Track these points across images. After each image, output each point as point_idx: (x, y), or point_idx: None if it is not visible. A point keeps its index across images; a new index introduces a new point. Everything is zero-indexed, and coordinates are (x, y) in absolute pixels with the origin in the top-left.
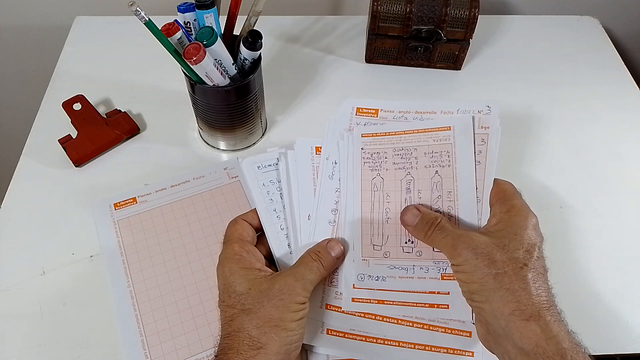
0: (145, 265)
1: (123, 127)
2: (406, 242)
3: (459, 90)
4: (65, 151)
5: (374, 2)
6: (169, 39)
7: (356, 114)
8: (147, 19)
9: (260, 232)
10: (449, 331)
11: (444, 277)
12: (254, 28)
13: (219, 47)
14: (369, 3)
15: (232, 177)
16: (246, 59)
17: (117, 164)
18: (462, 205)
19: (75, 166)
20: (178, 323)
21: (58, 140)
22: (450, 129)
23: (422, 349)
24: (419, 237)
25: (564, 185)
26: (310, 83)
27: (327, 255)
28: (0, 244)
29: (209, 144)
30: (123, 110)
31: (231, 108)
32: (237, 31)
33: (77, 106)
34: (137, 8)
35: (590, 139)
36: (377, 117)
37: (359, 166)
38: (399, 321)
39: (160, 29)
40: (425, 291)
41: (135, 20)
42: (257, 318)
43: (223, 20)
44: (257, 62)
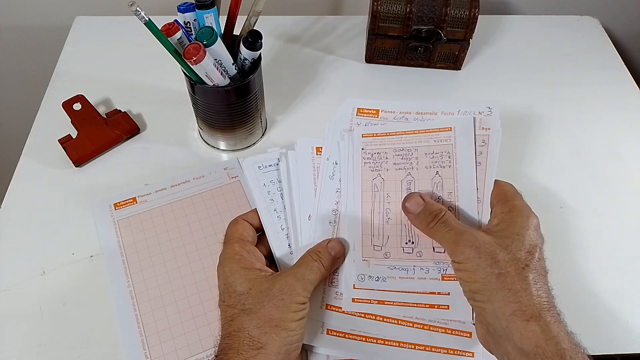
0: (145, 265)
1: (123, 127)
2: (406, 243)
3: (459, 90)
4: (65, 151)
5: (374, 2)
6: (169, 39)
7: (357, 115)
8: (147, 19)
9: (260, 232)
10: (449, 332)
11: (445, 278)
12: (254, 28)
13: (219, 47)
14: (369, 3)
15: (232, 177)
16: (246, 59)
17: (117, 164)
18: (463, 205)
19: (75, 166)
20: (178, 323)
21: (58, 140)
22: (451, 130)
23: (422, 350)
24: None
25: (564, 185)
26: (310, 83)
27: (328, 256)
28: (0, 244)
29: (209, 144)
30: (123, 110)
31: (231, 108)
32: (237, 31)
33: (77, 106)
34: (137, 8)
35: (590, 139)
36: (377, 117)
37: (360, 166)
38: (399, 322)
39: (160, 29)
40: (425, 292)
41: (135, 20)
42: (257, 318)
43: (223, 20)
44: (257, 62)
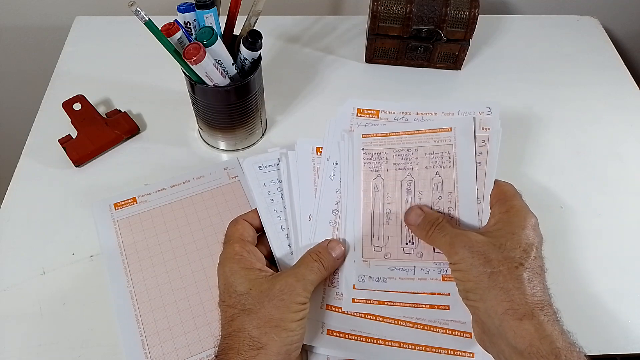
0: (145, 265)
1: (123, 127)
2: (407, 243)
3: (459, 90)
4: (65, 151)
5: (374, 2)
6: (169, 39)
7: (357, 115)
8: (147, 19)
9: (260, 232)
10: (449, 332)
11: (445, 279)
12: (254, 28)
13: (219, 47)
14: (369, 3)
15: (232, 177)
16: (246, 59)
17: (117, 164)
18: (463, 206)
19: (75, 166)
20: (178, 323)
21: (58, 140)
22: (451, 130)
23: (422, 350)
24: (421, 236)
25: (564, 185)
26: (310, 83)
27: (328, 256)
28: (0, 244)
29: (209, 144)
30: (123, 110)
31: (231, 108)
32: (237, 31)
33: (77, 106)
34: (137, 8)
35: (590, 139)
36: (377, 117)
37: (360, 167)
38: (399, 322)
39: (160, 29)
40: (426, 292)
41: (135, 20)
42: (257, 318)
43: (223, 20)
44: (257, 62)
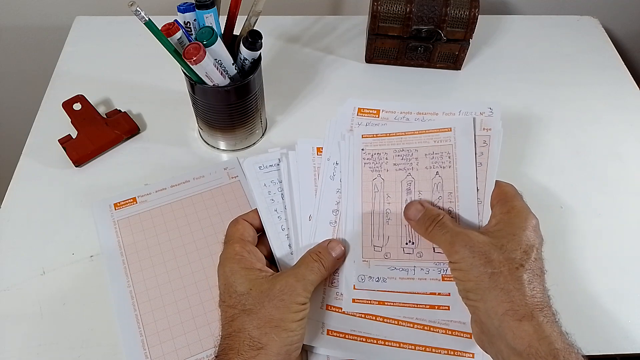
0: (145, 265)
1: (123, 127)
2: (407, 243)
3: (459, 90)
4: (65, 151)
5: (374, 2)
6: (169, 39)
7: (357, 115)
8: (147, 19)
9: (261, 233)
10: (450, 332)
11: (445, 279)
12: (254, 28)
13: (219, 47)
14: (369, 3)
15: (232, 177)
16: (246, 59)
17: (117, 164)
18: (463, 206)
19: (75, 166)
20: (178, 323)
21: (58, 140)
22: (450, 130)
23: (422, 350)
24: (420, 232)
25: (564, 185)
26: (310, 83)
27: (328, 256)
28: (0, 244)
29: (209, 144)
30: (123, 110)
31: (231, 108)
32: (237, 31)
33: (77, 106)
34: (137, 8)
35: (590, 139)
36: (378, 117)
37: (360, 167)
38: (399, 322)
39: (160, 29)
40: (426, 292)
41: (135, 20)
42: (257, 318)
43: (223, 20)
44: (257, 62)
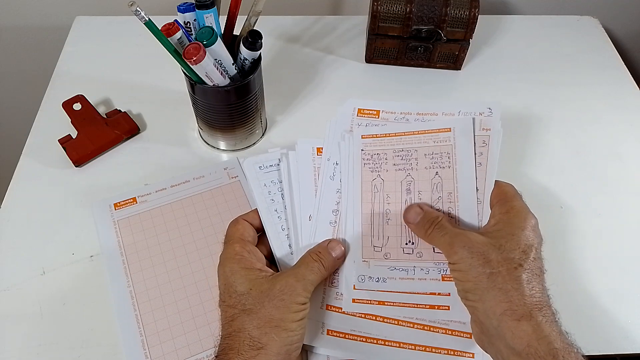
0: (145, 265)
1: (123, 127)
2: (406, 244)
3: (459, 90)
4: (65, 151)
5: (374, 2)
6: (169, 39)
7: (357, 115)
8: (147, 19)
9: (261, 232)
10: (450, 332)
11: (445, 279)
12: (254, 28)
13: (219, 47)
14: (369, 3)
15: (232, 177)
16: (246, 59)
17: (117, 164)
18: (463, 206)
19: (75, 166)
20: (178, 323)
21: (58, 140)
22: (450, 131)
23: (422, 350)
24: (420, 234)
25: (564, 185)
26: (310, 83)
27: (328, 256)
28: (0, 244)
29: (209, 144)
30: (123, 110)
31: (231, 108)
32: (237, 31)
33: (77, 106)
34: (137, 8)
35: (590, 139)
36: (378, 118)
37: (359, 167)
38: (399, 322)
39: (160, 29)
40: (426, 292)
41: (135, 20)
42: (257, 318)
43: (223, 20)
44: (257, 62)
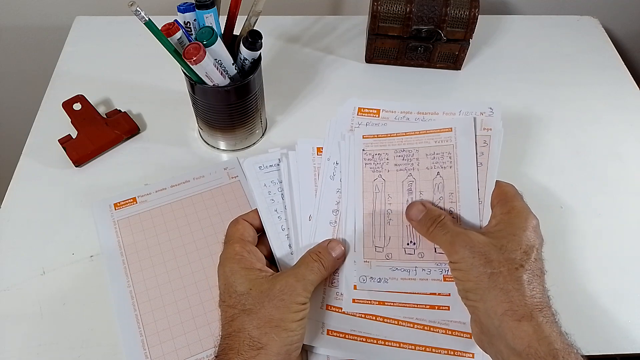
0: (145, 265)
1: (123, 127)
2: (408, 244)
3: (459, 90)
4: (65, 151)
5: (374, 2)
6: (169, 39)
7: (358, 114)
8: (147, 19)
9: (261, 233)
10: (450, 332)
11: (446, 279)
12: (254, 28)
13: (219, 47)
14: (369, 3)
15: (232, 177)
16: (246, 59)
17: (117, 164)
18: (464, 206)
19: (75, 166)
20: (178, 323)
21: (58, 140)
22: (451, 130)
23: (422, 350)
24: (422, 232)
25: (564, 185)
26: (310, 83)
27: (328, 256)
28: (0, 244)
29: (209, 144)
30: (123, 110)
31: (231, 108)
32: (237, 31)
33: (77, 106)
34: (137, 8)
35: (590, 139)
36: (378, 117)
37: (360, 167)
38: (399, 322)
39: (160, 29)
40: (426, 292)
41: (135, 20)
42: (257, 318)
43: (223, 20)
44: (257, 62)
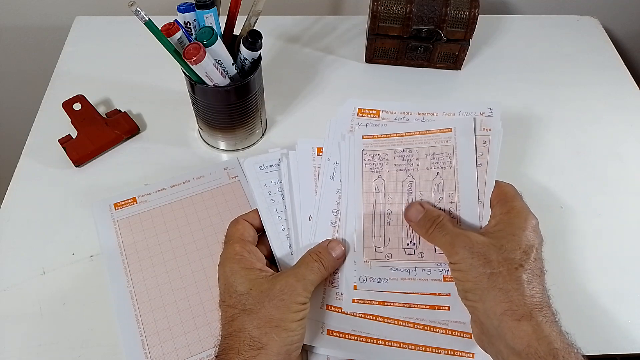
0: (145, 265)
1: (123, 127)
2: (408, 244)
3: (459, 90)
4: (65, 151)
5: (374, 2)
6: (169, 39)
7: (357, 115)
8: (147, 19)
9: (261, 233)
10: (450, 332)
11: (446, 279)
12: (254, 28)
13: (219, 47)
14: (369, 3)
15: (232, 177)
16: (246, 59)
17: (117, 164)
18: (464, 206)
19: (75, 166)
20: (178, 323)
21: (58, 140)
22: (451, 131)
23: (422, 350)
24: (421, 233)
25: (564, 185)
26: (310, 83)
27: (328, 256)
28: (0, 244)
29: (209, 144)
30: (123, 110)
31: (231, 108)
32: (237, 31)
33: (77, 106)
34: (137, 8)
35: (590, 139)
36: (378, 117)
37: (360, 168)
38: (399, 322)
39: (160, 29)
40: (426, 293)
41: (135, 20)
42: (257, 318)
43: (223, 20)
44: (257, 62)
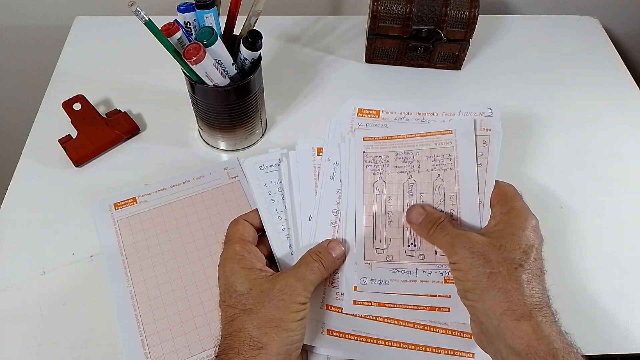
0: (145, 265)
1: (123, 127)
2: (409, 246)
3: (459, 90)
4: (65, 151)
5: (374, 2)
6: (169, 39)
7: (357, 115)
8: (147, 19)
9: (261, 232)
10: (450, 332)
11: (447, 281)
12: (254, 28)
13: (219, 47)
14: (369, 3)
15: (232, 177)
16: (246, 59)
17: (117, 164)
18: (465, 207)
19: (75, 166)
20: (178, 323)
21: (58, 140)
22: (451, 133)
23: (422, 350)
24: (422, 234)
25: (564, 185)
26: (310, 83)
27: (328, 256)
28: (0, 244)
29: (209, 144)
30: (123, 110)
31: (231, 108)
32: (237, 31)
33: (77, 106)
34: (137, 8)
35: (590, 139)
36: (378, 118)
37: (361, 170)
38: (399, 322)
39: (160, 29)
40: (427, 294)
41: (135, 20)
42: (257, 318)
43: (223, 20)
44: (257, 62)
